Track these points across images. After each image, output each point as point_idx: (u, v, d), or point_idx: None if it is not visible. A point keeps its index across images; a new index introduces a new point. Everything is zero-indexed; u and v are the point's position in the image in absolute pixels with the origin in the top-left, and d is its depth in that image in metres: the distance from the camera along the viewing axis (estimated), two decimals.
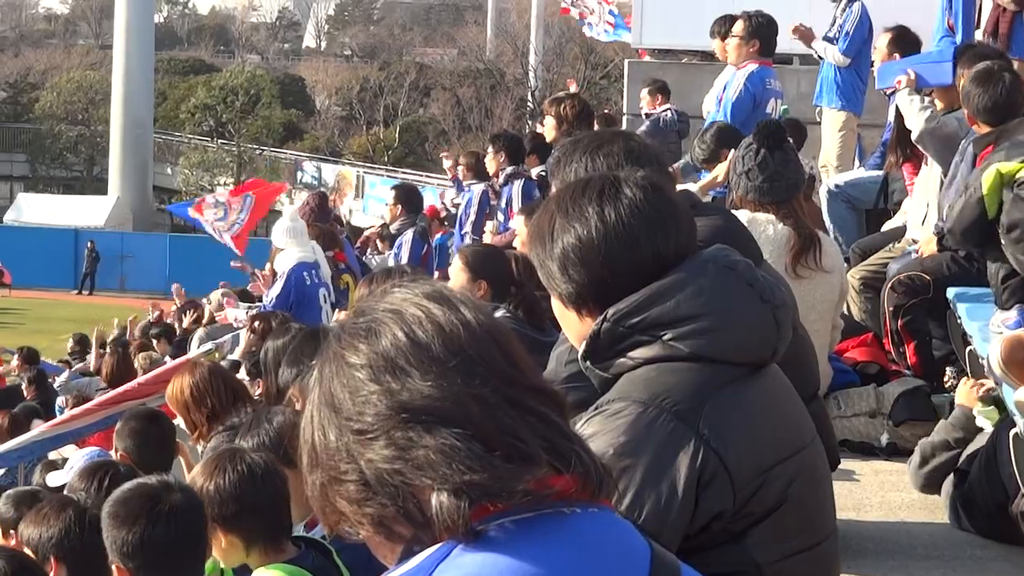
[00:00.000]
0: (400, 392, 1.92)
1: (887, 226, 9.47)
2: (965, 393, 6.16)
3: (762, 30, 10.85)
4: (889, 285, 7.65)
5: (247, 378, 9.66)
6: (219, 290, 18.15)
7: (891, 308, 7.60)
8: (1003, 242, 5.97)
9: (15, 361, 20.46)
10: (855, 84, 12.13)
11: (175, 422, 7.03)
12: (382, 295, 2.06)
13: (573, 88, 16.87)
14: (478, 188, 12.91)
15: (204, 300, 19.59)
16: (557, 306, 3.19)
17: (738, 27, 10.92)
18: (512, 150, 12.02)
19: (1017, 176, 5.84)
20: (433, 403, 1.90)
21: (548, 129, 10.68)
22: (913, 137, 8.52)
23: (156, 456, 6.44)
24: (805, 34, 12.34)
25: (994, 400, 5.75)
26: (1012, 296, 5.94)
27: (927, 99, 8.46)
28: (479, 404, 1.91)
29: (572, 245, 3.07)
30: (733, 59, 10.98)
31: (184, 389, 6.73)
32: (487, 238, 11.75)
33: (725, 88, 10.90)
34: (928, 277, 7.53)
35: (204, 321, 18.03)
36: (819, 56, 12.33)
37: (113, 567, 4.15)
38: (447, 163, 17.07)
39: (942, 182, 8.13)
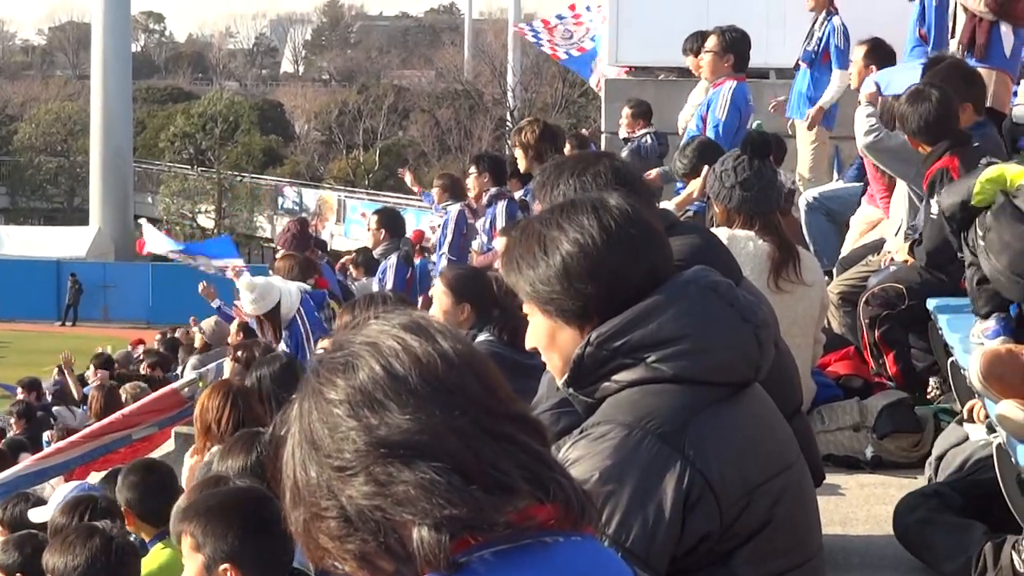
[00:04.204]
0: (378, 427, 1.91)
1: (867, 237, 9.49)
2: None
3: (736, 45, 10.84)
4: (863, 299, 7.69)
5: None
6: (211, 318, 18.06)
7: (867, 320, 7.64)
8: (978, 244, 5.89)
9: (19, 395, 20.35)
10: None
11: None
12: (359, 327, 2.06)
13: (408, 178, 17.34)
14: (454, 209, 12.92)
15: (195, 329, 19.53)
16: (546, 328, 3.13)
17: (711, 42, 10.91)
18: (495, 171, 12.03)
19: (1020, 184, 5.75)
20: (411, 437, 1.90)
21: (520, 160, 10.69)
22: (859, 151, 8.68)
23: (159, 504, 6.41)
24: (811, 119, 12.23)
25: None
26: (988, 302, 5.93)
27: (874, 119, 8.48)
28: (458, 436, 1.91)
29: (575, 255, 3.03)
30: (708, 74, 10.97)
31: (196, 407, 6.88)
32: (472, 257, 11.78)
33: (710, 106, 10.86)
34: (901, 287, 7.58)
35: (199, 349, 17.97)
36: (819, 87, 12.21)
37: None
38: (408, 178, 17.10)
39: (909, 196, 8.19)
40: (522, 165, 10.62)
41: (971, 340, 6.01)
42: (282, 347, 10.30)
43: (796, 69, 12.44)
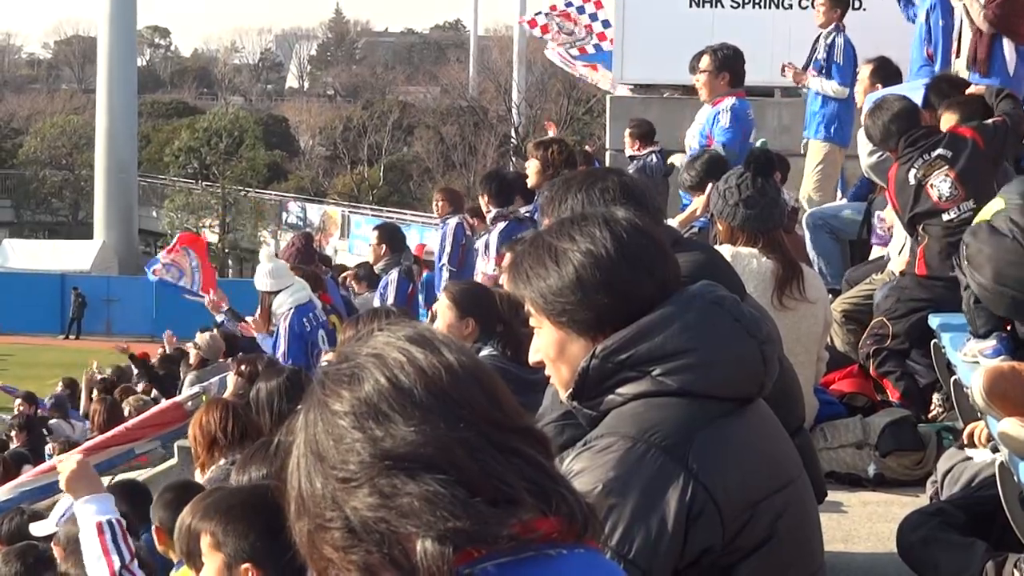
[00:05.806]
0: (383, 439, 1.92)
1: (873, 255, 9.52)
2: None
3: (729, 62, 10.71)
4: (860, 345, 7.91)
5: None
6: (205, 333, 18.03)
7: (863, 360, 7.79)
8: (962, 264, 5.96)
9: (18, 405, 20.44)
10: (841, 116, 12.07)
11: None
12: (365, 339, 2.06)
13: (552, 131, 16.96)
14: (452, 221, 13.08)
15: (190, 345, 19.50)
16: (556, 340, 3.12)
17: (705, 62, 10.75)
18: (501, 191, 12.05)
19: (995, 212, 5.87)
20: (416, 449, 1.90)
21: (532, 172, 10.58)
22: (863, 170, 8.75)
23: None
24: (797, 75, 12.31)
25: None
26: (986, 322, 5.95)
27: None
28: (462, 448, 1.91)
29: (588, 265, 3.04)
30: (706, 96, 10.80)
31: (194, 422, 6.88)
32: (478, 279, 11.82)
33: (715, 123, 10.78)
34: (882, 318, 7.70)
35: (194, 364, 17.94)
36: (817, 92, 12.21)
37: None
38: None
39: None
40: (532, 180, 10.56)
41: (962, 358, 6.04)
42: (268, 345, 10.46)
43: (819, 92, 12.29)
